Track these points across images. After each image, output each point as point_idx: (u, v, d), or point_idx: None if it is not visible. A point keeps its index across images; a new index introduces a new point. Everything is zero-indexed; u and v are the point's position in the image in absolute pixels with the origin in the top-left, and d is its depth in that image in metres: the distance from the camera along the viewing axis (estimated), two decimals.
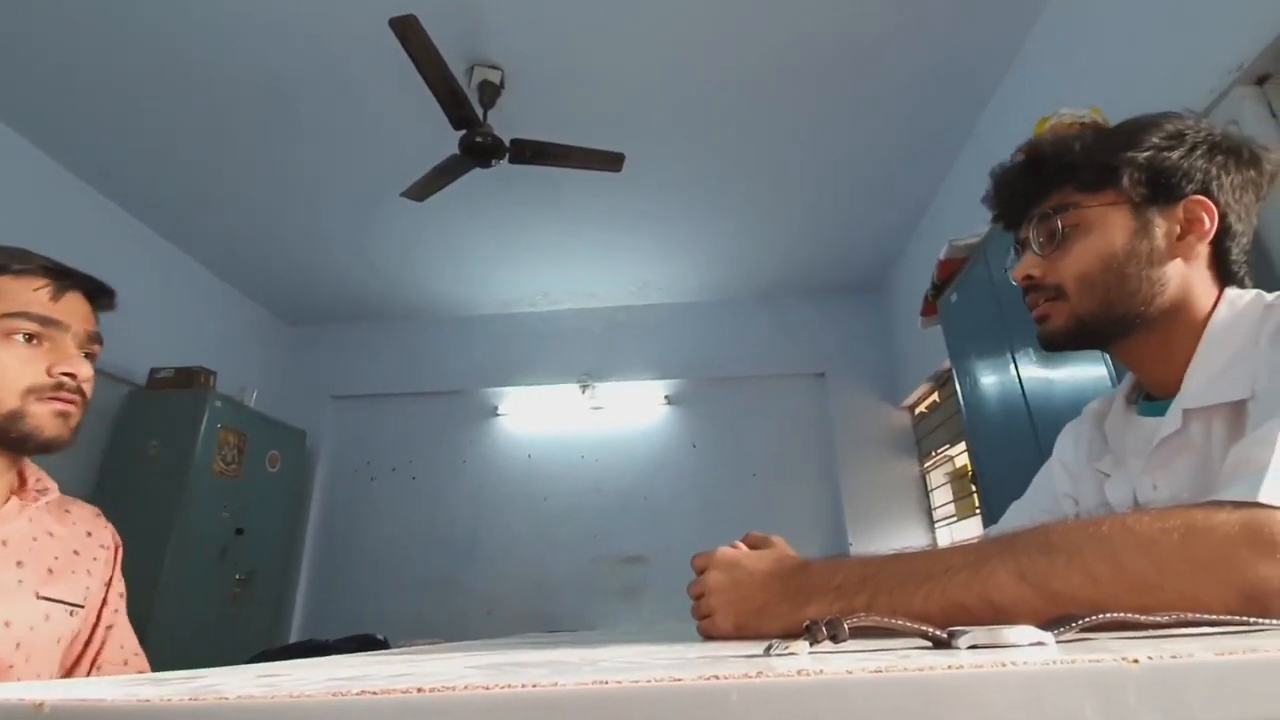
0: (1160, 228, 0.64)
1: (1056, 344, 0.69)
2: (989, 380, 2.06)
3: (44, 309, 0.74)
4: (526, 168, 2.54)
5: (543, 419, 4.15)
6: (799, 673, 0.23)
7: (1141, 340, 0.66)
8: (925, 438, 3.74)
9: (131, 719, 0.24)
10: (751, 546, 0.65)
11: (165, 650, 2.54)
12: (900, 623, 0.34)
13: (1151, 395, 0.70)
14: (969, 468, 3.01)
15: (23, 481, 0.80)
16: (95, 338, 0.80)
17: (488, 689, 0.23)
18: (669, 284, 4.09)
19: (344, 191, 3.12)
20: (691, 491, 3.90)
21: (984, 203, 0.75)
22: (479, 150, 2.32)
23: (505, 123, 2.45)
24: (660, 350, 4.19)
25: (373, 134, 2.74)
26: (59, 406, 0.74)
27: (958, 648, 0.30)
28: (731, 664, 0.26)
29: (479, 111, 2.32)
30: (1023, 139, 0.74)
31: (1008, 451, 1.92)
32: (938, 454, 3.55)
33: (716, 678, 0.23)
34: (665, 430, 4.10)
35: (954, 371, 2.34)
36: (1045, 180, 0.68)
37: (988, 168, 0.74)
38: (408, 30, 1.90)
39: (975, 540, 0.51)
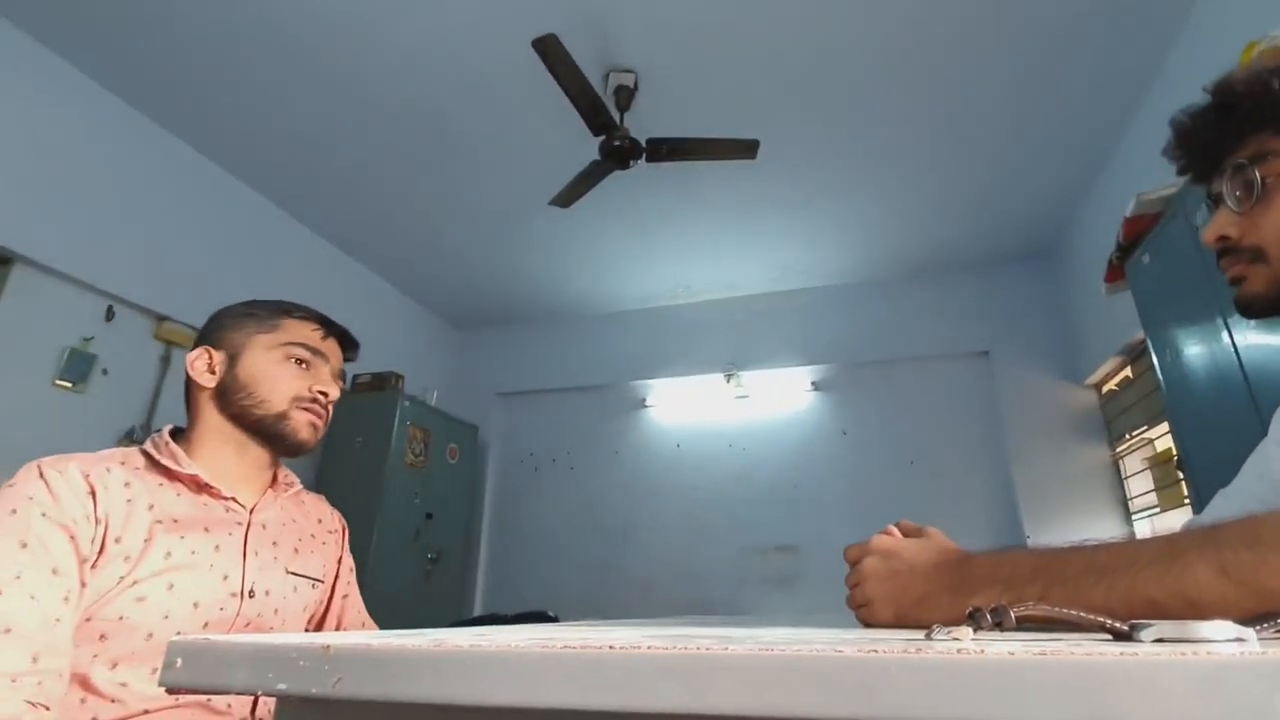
0: None
1: (1254, 311, 0.60)
2: (1195, 350, 1.80)
3: (315, 343, 0.96)
4: (662, 165, 2.60)
5: (690, 409, 4.22)
6: (959, 652, 0.23)
7: None
8: (1116, 419, 3.32)
9: (394, 657, 0.30)
10: (905, 534, 0.64)
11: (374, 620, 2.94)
12: (1074, 612, 0.33)
13: None
14: (1173, 451, 2.65)
15: (274, 477, 0.98)
16: (342, 374, 1.01)
17: (668, 649, 0.27)
18: (809, 268, 3.98)
19: (498, 205, 3.37)
20: (843, 480, 3.78)
21: (1165, 155, 0.67)
22: (618, 153, 2.41)
23: (641, 123, 2.52)
24: (804, 336, 4.08)
25: (520, 150, 2.94)
26: (312, 417, 0.93)
27: (1141, 640, 0.29)
28: (892, 643, 0.27)
29: (616, 116, 2.41)
30: (1224, 72, 0.64)
31: (1222, 431, 1.67)
32: (1132, 437, 3.14)
33: (876, 652, 0.24)
34: (813, 417, 4.00)
35: (1149, 343, 2.07)
36: (1238, 125, 0.59)
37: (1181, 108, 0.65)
38: (549, 49, 2.02)
39: (1168, 533, 0.47)
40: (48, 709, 0.66)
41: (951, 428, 3.71)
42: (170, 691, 0.35)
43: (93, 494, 0.76)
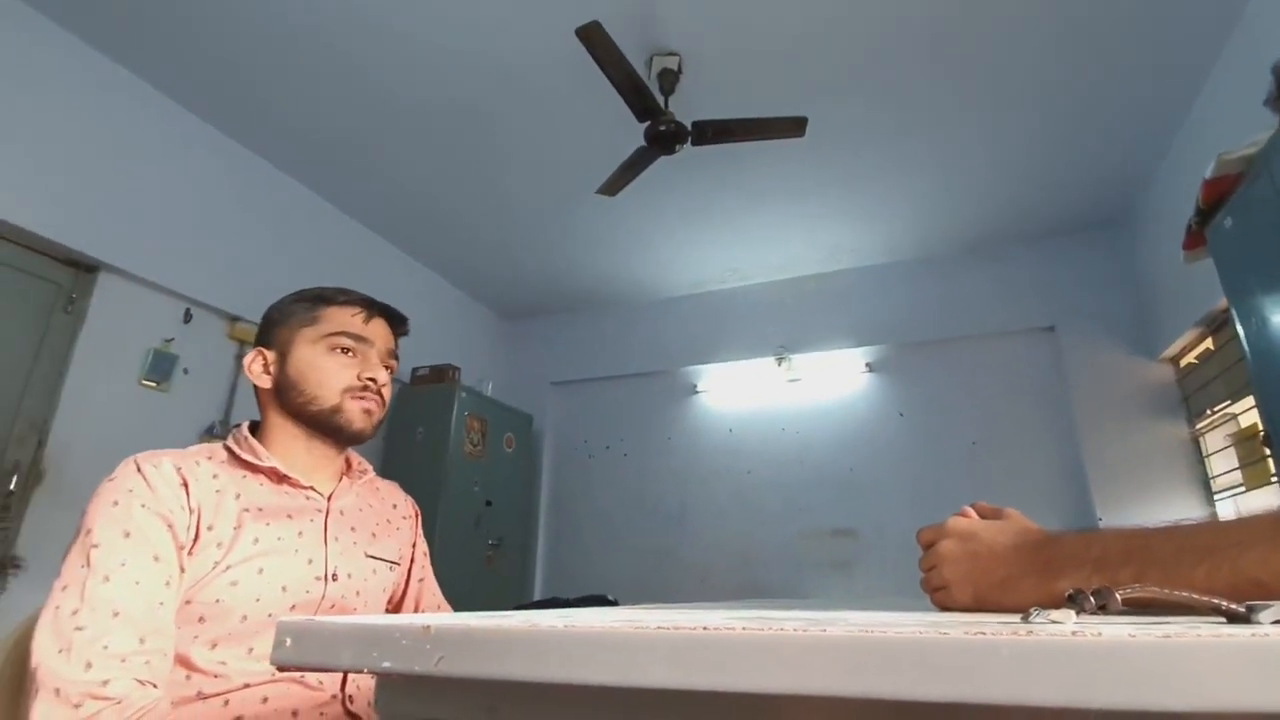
0: None
1: None
2: None
3: (358, 329, 0.95)
4: (707, 148, 2.57)
5: (741, 394, 4.19)
6: (1073, 634, 0.23)
7: None
8: (1195, 394, 3.14)
9: (493, 637, 0.31)
10: (982, 516, 0.62)
11: None
12: (1185, 594, 0.32)
13: None
14: (1259, 427, 2.49)
15: (348, 464, 1.02)
16: (392, 354, 1.01)
17: (762, 630, 0.27)
18: (860, 247, 3.88)
19: (546, 196, 3.40)
20: (901, 463, 3.69)
21: (1267, 105, 0.62)
22: (664, 138, 2.39)
23: (685, 106, 2.49)
24: (856, 316, 3.99)
25: (565, 140, 2.95)
26: (365, 404, 0.94)
27: (1258, 622, 0.28)
28: (996, 626, 0.26)
29: (660, 100, 2.39)
30: None
31: None
32: (1214, 412, 2.96)
33: (984, 634, 0.23)
34: (868, 399, 3.91)
35: (1233, 312, 1.94)
36: None
37: (1265, 60, 0.61)
38: (592, 36, 2.01)
39: (1272, 512, 0.44)
40: (155, 687, 0.71)
41: (1015, 407, 3.58)
42: (281, 669, 0.37)
43: (185, 486, 0.81)
